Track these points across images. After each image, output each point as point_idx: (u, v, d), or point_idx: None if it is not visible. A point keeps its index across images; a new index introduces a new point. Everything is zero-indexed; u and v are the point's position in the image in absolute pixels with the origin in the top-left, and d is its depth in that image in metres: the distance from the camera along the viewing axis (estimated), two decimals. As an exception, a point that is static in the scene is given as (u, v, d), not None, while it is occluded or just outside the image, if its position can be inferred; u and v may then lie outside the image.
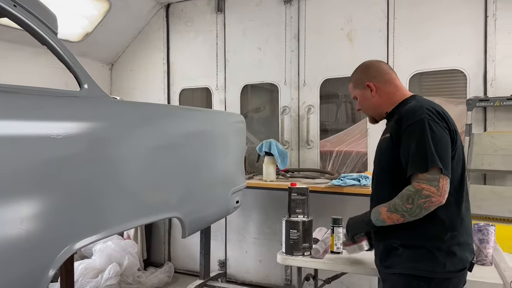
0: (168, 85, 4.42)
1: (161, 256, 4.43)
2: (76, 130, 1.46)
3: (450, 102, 3.40)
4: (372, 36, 3.45)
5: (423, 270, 1.52)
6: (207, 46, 4.20)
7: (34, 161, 1.30)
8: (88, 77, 1.69)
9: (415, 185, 1.48)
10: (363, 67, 1.85)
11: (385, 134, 1.70)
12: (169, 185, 1.98)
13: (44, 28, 1.55)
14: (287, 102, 3.82)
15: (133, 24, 4.47)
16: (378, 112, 1.81)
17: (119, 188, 1.65)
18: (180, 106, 3.22)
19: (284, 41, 3.81)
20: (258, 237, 3.95)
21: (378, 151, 1.75)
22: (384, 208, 1.57)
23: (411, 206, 1.47)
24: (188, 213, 2.11)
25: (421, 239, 1.55)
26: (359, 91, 1.82)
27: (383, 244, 1.67)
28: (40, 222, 1.32)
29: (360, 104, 1.85)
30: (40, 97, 1.41)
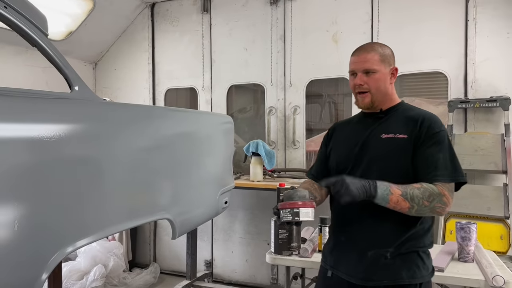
0: (153, 85, 4.39)
1: (146, 257, 4.40)
2: (67, 132, 1.45)
3: (431, 103, 3.50)
4: (356, 38, 3.50)
5: (415, 277, 1.51)
6: (193, 46, 4.19)
7: (26, 164, 1.29)
8: (78, 79, 1.68)
9: (440, 189, 1.45)
10: (390, 49, 1.66)
11: (394, 134, 1.55)
12: (159, 187, 1.98)
13: (34, 29, 1.53)
14: (274, 102, 3.85)
15: (118, 23, 4.42)
16: (381, 101, 1.62)
17: (110, 190, 1.64)
18: (169, 108, 3.22)
19: (270, 42, 3.84)
20: (245, 237, 3.97)
21: (382, 150, 1.56)
22: (398, 190, 1.43)
23: (428, 204, 1.43)
24: (178, 214, 2.11)
25: (411, 246, 1.52)
26: (384, 68, 1.59)
27: (371, 252, 1.54)
28: (33, 226, 1.31)
29: (375, 81, 1.58)
30: (33, 100, 1.39)
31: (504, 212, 2.87)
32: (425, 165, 1.48)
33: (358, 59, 1.61)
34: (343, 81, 3.60)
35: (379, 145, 1.57)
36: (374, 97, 1.60)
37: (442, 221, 3.06)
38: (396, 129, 1.56)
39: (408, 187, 1.44)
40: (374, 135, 1.60)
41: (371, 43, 1.70)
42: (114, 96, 4.48)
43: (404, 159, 1.52)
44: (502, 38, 3.10)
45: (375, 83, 1.59)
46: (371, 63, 1.58)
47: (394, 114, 1.62)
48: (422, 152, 1.50)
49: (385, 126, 1.59)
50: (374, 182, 1.44)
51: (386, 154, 1.55)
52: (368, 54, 1.60)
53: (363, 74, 1.60)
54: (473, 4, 3.15)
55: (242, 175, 3.85)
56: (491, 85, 3.11)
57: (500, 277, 1.92)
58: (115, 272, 3.76)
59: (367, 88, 1.60)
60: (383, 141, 1.56)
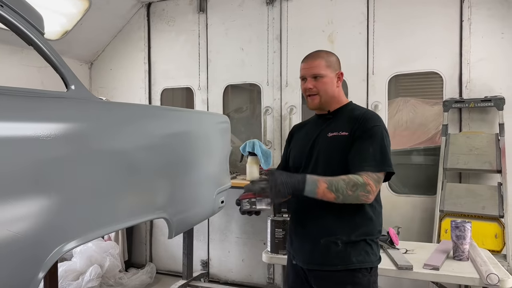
0: (149, 85, 4.39)
1: (142, 257, 4.39)
2: (66, 131, 1.45)
3: (426, 102, 3.52)
4: (352, 39, 3.52)
5: (365, 262, 1.66)
6: (189, 46, 4.19)
7: (24, 163, 1.29)
8: (75, 78, 1.68)
9: (364, 178, 1.58)
10: (335, 56, 1.82)
11: (338, 132, 1.70)
12: (155, 186, 1.98)
13: (31, 28, 1.53)
14: (270, 102, 3.86)
15: (113, 23, 4.41)
16: (329, 102, 1.77)
17: (107, 189, 1.64)
18: (165, 107, 3.20)
19: (266, 42, 3.85)
20: (241, 237, 3.98)
21: (328, 147, 1.71)
22: (324, 184, 1.55)
23: (351, 193, 1.56)
24: (175, 213, 2.11)
25: (359, 235, 1.66)
26: (330, 73, 1.75)
27: (322, 240, 1.67)
28: (30, 224, 1.31)
29: (323, 85, 1.74)
30: (30, 98, 1.39)
31: (498, 211, 2.89)
32: (356, 157, 1.64)
33: (307, 66, 1.78)
34: (339, 81, 3.61)
35: (326, 142, 1.74)
36: (323, 99, 1.77)
37: (437, 220, 3.08)
38: (340, 127, 1.72)
39: (334, 179, 1.57)
40: (322, 135, 1.76)
41: (318, 51, 1.84)
42: (110, 95, 4.47)
43: (344, 154, 1.67)
44: (496, 38, 3.13)
45: (323, 86, 1.75)
46: (318, 69, 1.75)
47: (340, 115, 1.78)
48: (355, 145, 1.65)
49: (332, 126, 1.75)
50: (304, 178, 1.56)
51: (330, 150, 1.71)
52: (315, 61, 1.76)
53: (312, 79, 1.76)
54: (467, 5, 3.18)
55: (238, 175, 3.86)
56: (486, 85, 3.14)
57: (494, 275, 1.94)
58: (111, 272, 3.74)
59: (316, 91, 1.76)
60: (329, 139, 1.73)
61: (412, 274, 2.14)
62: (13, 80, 3.74)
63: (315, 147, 1.76)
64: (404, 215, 3.37)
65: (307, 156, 1.77)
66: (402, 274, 2.16)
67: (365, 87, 3.50)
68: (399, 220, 3.25)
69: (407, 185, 3.50)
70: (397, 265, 2.17)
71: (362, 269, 1.66)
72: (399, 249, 2.41)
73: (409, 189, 3.48)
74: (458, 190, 3.11)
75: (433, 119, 3.43)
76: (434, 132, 3.44)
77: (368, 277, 1.67)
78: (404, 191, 3.47)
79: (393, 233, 2.48)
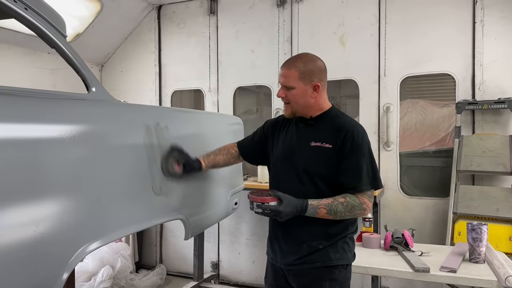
0: (159, 87, 4.41)
1: (152, 258, 4.41)
2: (91, 132, 1.46)
3: (435, 104, 3.50)
4: (364, 40, 3.52)
5: (342, 259, 1.74)
6: (199, 48, 4.21)
7: (50, 164, 1.30)
8: (95, 81, 1.69)
9: (360, 197, 1.67)
10: (318, 64, 1.75)
11: (321, 143, 1.71)
12: (173, 187, 1.99)
13: (54, 31, 1.55)
14: (280, 104, 3.84)
15: (124, 25, 4.44)
16: (305, 111, 1.76)
17: (128, 190, 1.65)
18: (180, 109, 3.21)
19: (277, 44, 3.85)
20: (251, 238, 3.98)
21: (310, 157, 1.72)
22: (323, 210, 1.64)
23: (349, 214, 1.67)
24: (191, 215, 2.12)
25: (338, 237, 1.74)
26: (302, 85, 1.70)
27: (305, 245, 1.73)
28: (55, 225, 1.32)
29: (293, 96, 1.72)
30: (54, 101, 1.41)
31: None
32: (349, 176, 1.68)
33: (281, 74, 1.77)
34: (348, 83, 3.61)
35: (308, 152, 1.73)
36: (295, 109, 1.77)
37: (450, 222, 3.07)
38: (323, 137, 1.72)
39: (333, 203, 1.64)
40: (305, 142, 1.75)
41: (296, 57, 1.79)
42: (121, 98, 4.47)
43: (328, 167, 1.69)
44: (509, 40, 3.12)
45: (293, 98, 1.74)
46: (288, 80, 1.73)
47: (322, 122, 1.77)
48: (347, 164, 1.68)
49: (315, 134, 1.74)
50: (305, 204, 1.63)
51: (314, 161, 1.72)
52: (288, 71, 1.74)
53: (284, 88, 1.75)
54: (480, 6, 3.17)
55: (249, 177, 3.86)
56: (499, 86, 3.13)
57: (513, 278, 1.93)
58: (122, 273, 3.76)
59: (287, 100, 1.76)
60: (312, 148, 1.73)
61: (429, 276, 2.13)
62: (25, 82, 3.77)
63: (297, 154, 1.76)
64: (416, 218, 3.36)
65: (289, 161, 1.78)
66: (419, 277, 2.15)
67: (376, 89, 3.49)
68: (411, 223, 3.24)
69: (419, 187, 3.49)
70: (413, 267, 2.16)
71: (339, 266, 1.73)
72: (414, 252, 2.40)
73: (421, 191, 3.46)
74: (471, 192, 3.09)
75: (442, 121, 3.41)
76: (444, 134, 3.42)
77: (344, 273, 1.75)
78: (416, 193, 3.46)
79: (408, 236, 2.47)
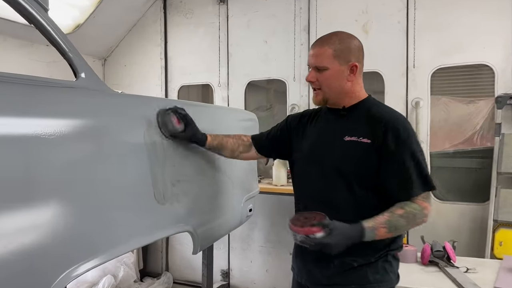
0: (165, 82, 4.12)
1: (158, 266, 4.12)
2: (76, 129, 1.16)
3: (459, 101, 3.15)
4: (389, 28, 3.20)
5: (383, 282, 1.47)
6: (208, 40, 3.91)
7: (25, 168, 1.01)
8: (85, 65, 1.39)
9: (419, 202, 1.39)
10: (355, 42, 1.49)
11: (357, 137, 1.44)
12: (177, 193, 1.68)
13: (32, 2, 1.25)
14: (296, 99, 3.55)
15: (128, 16, 4.16)
16: (338, 99, 1.50)
17: (125, 198, 1.35)
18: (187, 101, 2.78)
19: (293, 34, 3.54)
20: (265, 245, 3.67)
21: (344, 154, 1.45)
22: (383, 229, 1.35)
23: (410, 227, 1.42)
24: (200, 225, 1.82)
25: (378, 253, 1.47)
26: (337, 64, 1.45)
27: (336, 261, 1.46)
28: (34, 243, 1.03)
29: (326, 79, 1.46)
30: (27, 88, 1.11)
31: (562, 221, 2.53)
32: (399, 181, 1.40)
33: (312, 53, 1.51)
34: (372, 76, 3.28)
35: (342, 148, 1.47)
36: (327, 95, 1.50)
37: (490, 231, 2.73)
38: (359, 131, 1.45)
39: (392, 218, 1.35)
40: (337, 136, 1.49)
41: (330, 34, 1.50)
42: (124, 93, 4.21)
43: (366, 166, 1.43)
44: (557, 26, 2.77)
45: (326, 81, 1.48)
46: (321, 59, 1.47)
47: (357, 113, 1.50)
48: (393, 165, 1.40)
49: (349, 127, 1.48)
50: (361, 228, 1.33)
51: (349, 159, 1.45)
52: (321, 49, 1.47)
53: (315, 70, 1.49)
54: (523, -12, 2.83)
55: (262, 178, 3.56)
56: (545, 78, 2.79)
57: None
58: (125, 282, 3.48)
59: (318, 85, 1.50)
60: (346, 144, 1.46)
61: (481, 299, 1.81)
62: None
63: (328, 151, 1.50)
64: (450, 225, 3.02)
65: (317, 158, 1.53)
66: (468, 299, 1.83)
67: (404, 82, 3.16)
68: (445, 231, 2.92)
69: (451, 191, 3.14)
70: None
71: None
72: (458, 268, 2.08)
73: (454, 195, 3.12)
74: (513, 197, 2.76)
75: (468, 119, 3.08)
76: (471, 132, 3.09)
77: None
78: (449, 198, 3.12)
79: (450, 249, 2.15)
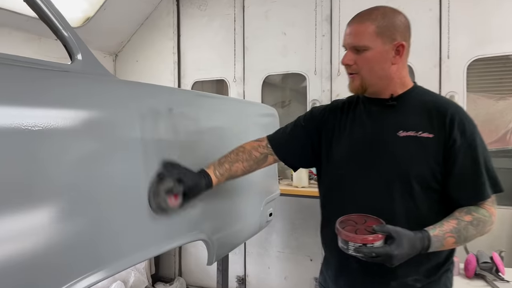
0: (178, 77, 3.93)
1: (171, 270, 3.92)
2: (68, 121, 0.96)
3: (489, 97, 2.89)
4: (421, 16, 2.93)
5: None
6: (223, 32, 3.70)
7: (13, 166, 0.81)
8: (82, 46, 1.20)
9: (487, 208, 1.20)
10: (401, 18, 1.25)
11: (416, 132, 1.21)
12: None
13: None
14: (317, 95, 3.31)
15: (140, 9, 3.97)
16: (381, 86, 1.26)
17: (130, 206, 1.14)
18: (198, 92, 2.47)
19: (314, 24, 3.30)
20: (283, 251, 3.44)
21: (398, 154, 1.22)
22: (451, 239, 1.15)
23: (478, 235, 1.22)
24: (215, 231, 1.60)
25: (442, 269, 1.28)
26: (380, 43, 1.21)
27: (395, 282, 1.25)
28: (23, 254, 0.82)
29: (367, 61, 1.22)
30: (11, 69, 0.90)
31: None
32: (469, 184, 1.20)
33: (349, 31, 1.26)
34: (401, 69, 3.03)
35: (397, 146, 1.22)
36: (366, 81, 1.25)
37: (537, 238, 2.45)
38: (416, 123, 1.22)
39: (460, 225, 1.16)
40: (387, 131, 1.24)
41: (371, 9, 1.27)
42: (136, 90, 4.04)
43: (430, 167, 1.20)
44: None
45: (367, 63, 1.23)
46: (360, 38, 1.22)
47: (409, 103, 1.26)
48: (462, 167, 1.19)
49: (402, 120, 1.24)
50: (426, 237, 1.12)
51: (408, 159, 1.21)
52: (361, 26, 1.23)
53: (353, 51, 1.25)
54: None
55: (280, 179, 3.33)
56: None
57: None
58: (136, 289, 3.29)
59: (356, 69, 1.25)
60: (402, 141, 1.22)
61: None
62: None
63: (377, 150, 1.25)
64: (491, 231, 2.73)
65: (362, 161, 1.27)
66: (527, 321, 1.57)
67: (437, 74, 2.90)
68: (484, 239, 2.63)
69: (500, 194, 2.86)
70: (519, 307, 1.59)
71: None
72: (508, 281, 1.82)
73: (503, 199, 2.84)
74: None
75: (499, 116, 2.86)
76: (503, 131, 2.86)
77: None
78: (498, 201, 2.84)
79: (498, 260, 1.89)
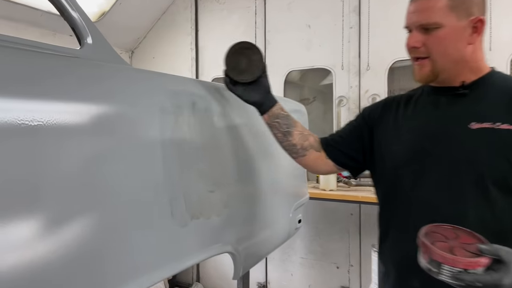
0: (196, 74, 3.78)
1: (188, 276, 3.78)
2: (72, 118, 0.79)
3: None
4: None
5: None
6: (243, 26, 3.53)
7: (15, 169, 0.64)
8: (93, 28, 1.03)
9: None
10: None
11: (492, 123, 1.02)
12: (214, 204, 1.28)
13: None
14: (345, 91, 3.11)
15: (156, 4, 3.85)
16: (454, 71, 1.07)
17: (140, 217, 0.97)
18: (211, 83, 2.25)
19: (341, 16, 3.10)
20: (307, 257, 3.25)
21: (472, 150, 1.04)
22: None
23: None
24: (241, 241, 1.42)
25: None
26: (454, 20, 1.02)
27: None
28: (16, 275, 0.66)
29: (439, 41, 1.04)
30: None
31: None
32: None
33: (415, 8, 1.06)
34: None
35: (469, 139, 1.04)
36: (439, 66, 1.06)
37: None
38: (493, 115, 1.03)
39: None
40: (457, 124, 1.07)
41: None
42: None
43: (509, 162, 1.00)
44: None
45: (439, 44, 1.04)
46: (430, 14, 1.03)
47: (483, 90, 1.07)
48: None
49: (474, 110, 1.06)
50: None
51: (484, 155, 1.03)
52: (429, 1, 1.03)
53: (421, 31, 1.06)
54: None
55: (305, 181, 3.14)
56: None
57: None
58: (152, 295, 3.14)
59: (425, 52, 1.06)
60: (475, 133, 1.03)
61: None
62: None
63: (444, 145, 1.07)
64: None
65: (427, 157, 1.09)
66: None
67: (478, 67, 2.67)
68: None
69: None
70: None
71: None
72: None
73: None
74: None
75: None
76: None
77: None
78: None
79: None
